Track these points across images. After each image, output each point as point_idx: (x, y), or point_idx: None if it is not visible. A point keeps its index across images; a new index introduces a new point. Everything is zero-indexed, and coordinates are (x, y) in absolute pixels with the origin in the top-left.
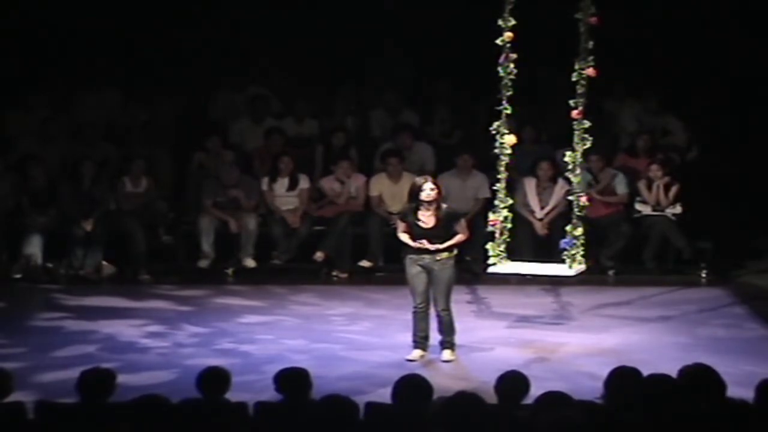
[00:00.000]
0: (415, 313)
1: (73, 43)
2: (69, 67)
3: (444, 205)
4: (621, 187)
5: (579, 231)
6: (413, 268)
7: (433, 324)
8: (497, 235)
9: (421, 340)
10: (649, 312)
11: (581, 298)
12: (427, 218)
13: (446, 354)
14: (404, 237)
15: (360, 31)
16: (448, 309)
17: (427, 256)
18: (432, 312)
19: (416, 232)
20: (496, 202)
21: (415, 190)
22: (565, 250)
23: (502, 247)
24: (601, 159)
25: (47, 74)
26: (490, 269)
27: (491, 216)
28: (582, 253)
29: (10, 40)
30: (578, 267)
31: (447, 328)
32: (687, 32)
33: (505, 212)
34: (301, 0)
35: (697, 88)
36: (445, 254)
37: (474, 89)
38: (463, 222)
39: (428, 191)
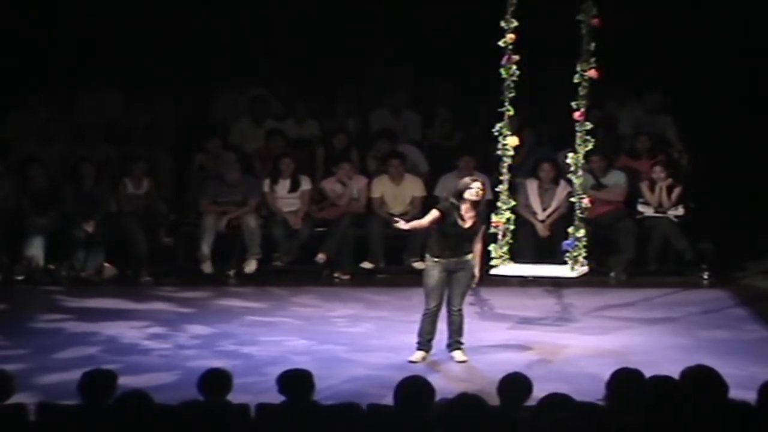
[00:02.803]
0: (426, 315)
1: (74, 44)
2: (70, 68)
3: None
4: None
5: (581, 232)
6: (435, 271)
7: (439, 326)
8: (500, 236)
9: (425, 343)
10: (651, 314)
11: (583, 299)
12: (467, 218)
13: (458, 354)
14: (415, 222)
15: (361, 32)
16: (461, 309)
17: (454, 258)
18: (441, 314)
19: (451, 231)
20: (499, 204)
21: (461, 188)
22: (567, 251)
23: (505, 249)
24: (602, 159)
25: (48, 75)
26: (493, 271)
27: (493, 218)
28: (584, 254)
29: (11, 40)
30: (580, 269)
31: (457, 329)
32: (688, 33)
33: (507, 214)
34: (302, 1)
35: (698, 89)
36: (469, 255)
37: (475, 91)
38: (482, 229)
39: (477, 190)
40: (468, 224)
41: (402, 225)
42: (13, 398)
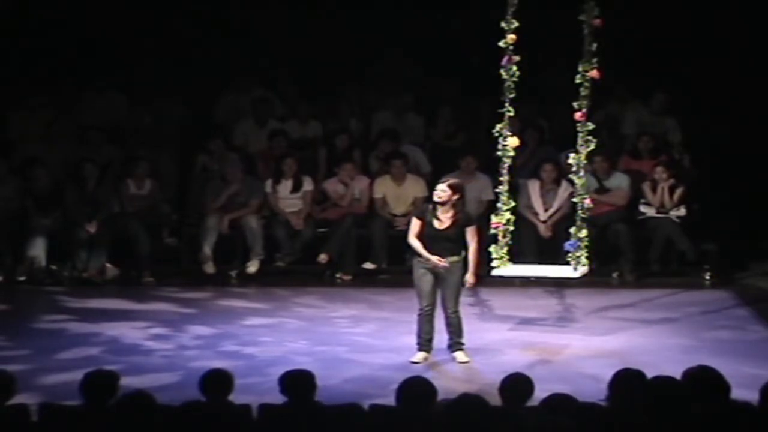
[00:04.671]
0: (420, 315)
1: (78, 45)
2: (73, 69)
3: (466, 210)
4: (624, 185)
5: (583, 233)
6: (421, 271)
7: (439, 326)
8: (500, 237)
9: (425, 343)
10: (653, 314)
11: (584, 300)
12: (444, 219)
13: (460, 355)
14: (416, 244)
15: (363, 33)
16: (456, 311)
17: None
18: (438, 314)
19: (428, 232)
20: (499, 205)
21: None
22: (569, 252)
23: (505, 250)
24: (605, 160)
25: (51, 76)
26: (493, 272)
27: (493, 218)
28: (586, 255)
29: (14, 42)
30: (582, 269)
31: (456, 330)
32: (690, 34)
33: (507, 215)
34: (305, 2)
35: (701, 90)
36: (453, 258)
37: (478, 91)
38: (473, 228)
39: (438, 192)
40: (444, 225)
41: (435, 260)
42: (14, 399)
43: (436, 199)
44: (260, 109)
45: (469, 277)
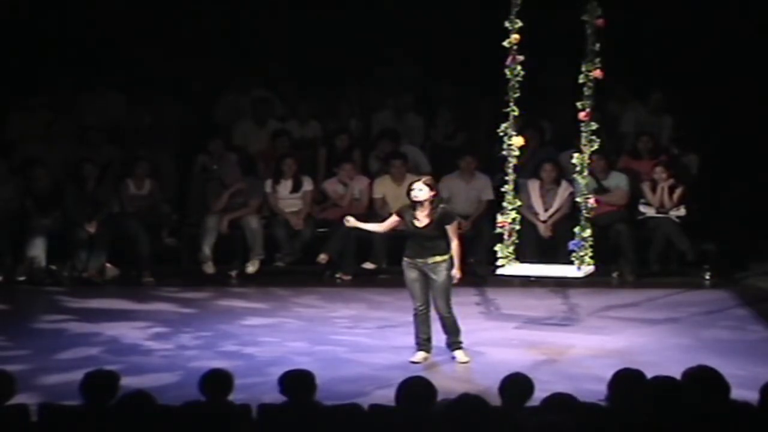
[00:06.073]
0: (415, 315)
1: (77, 45)
2: (72, 69)
3: (441, 206)
4: (622, 184)
5: (587, 232)
6: (409, 271)
7: (437, 326)
8: (506, 236)
9: (423, 342)
10: (654, 314)
11: (586, 300)
12: (422, 217)
13: (460, 355)
14: (374, 225)
15: (364, 33)
16: (449, 311)
17: (419, 259)
18: (434, 314)
19: (409, 231)
20: (504, 204)
21: (408, 190)
22: (573, 251)
23: (511, 249)
24: (601, 159)
25: (51, 77)
26: (499, 271)
27: (499, 218)
28: (591, 254)
29: (13, 42)
30: (587, 268)
31: (451, 330)
32: (689, 34)
33: (513, 214)
34: (305, 2)
35: (700, 89)
36: (437, 258)
37: (477, 91)
38: (454, 224)
39: (415, 191)
40: (423, 223)
41: (352, 222)
42: (14, 399)
43: (412, 198)
44: (260, 109)
45: (456, 272)
